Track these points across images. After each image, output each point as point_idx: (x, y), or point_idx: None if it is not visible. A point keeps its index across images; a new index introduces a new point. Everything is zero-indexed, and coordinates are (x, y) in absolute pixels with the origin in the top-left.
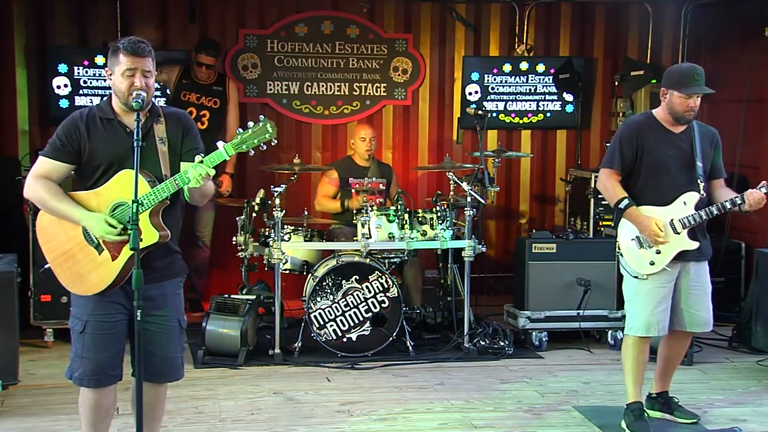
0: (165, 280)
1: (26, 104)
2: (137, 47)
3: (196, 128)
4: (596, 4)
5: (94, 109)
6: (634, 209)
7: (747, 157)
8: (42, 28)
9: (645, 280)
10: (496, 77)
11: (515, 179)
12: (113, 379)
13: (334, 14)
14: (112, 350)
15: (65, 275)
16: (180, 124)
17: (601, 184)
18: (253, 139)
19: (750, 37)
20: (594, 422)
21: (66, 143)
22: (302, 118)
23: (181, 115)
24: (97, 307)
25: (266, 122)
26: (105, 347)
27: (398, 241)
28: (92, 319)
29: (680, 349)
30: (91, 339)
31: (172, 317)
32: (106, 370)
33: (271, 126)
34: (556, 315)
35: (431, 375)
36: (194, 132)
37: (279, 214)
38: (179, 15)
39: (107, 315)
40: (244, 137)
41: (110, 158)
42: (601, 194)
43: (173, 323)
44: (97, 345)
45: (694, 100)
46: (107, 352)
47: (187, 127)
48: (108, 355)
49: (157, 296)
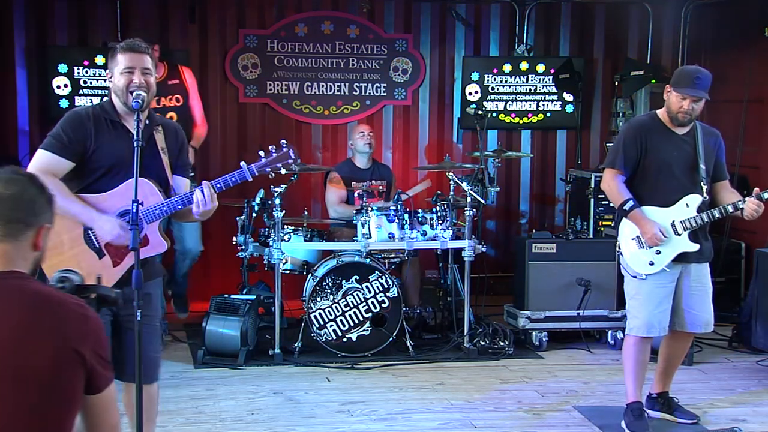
0: (149, 281)
1: (26, 104)
2: (134, 45)
3: (187, 143)
4: (596, 4)
5: (98, 109)
6: (638, 211)
7: (747, 157)
8: (42, 28)
9: (645, 280)
10: (496, 77)
11: (515, 179)
12: None
13: (334, 14)
14: None
15: None
16: (177, 137)
17: (605, 184)
18: (276, 163)
19: (750, 37)
20: (594, 422)
21: (73, 140)
22: (302, 118)
23: (177, 127)
24: None
25: (290, 148)
26: None
27: (398, 241)
28: None
29: (681, 350)
30: None
31: (155, 317)
32: None
33: (294, 152)
34: (556, 315)
35: (431, 375)
36: (186, 147)
37: (279, 214)
38: (179, 15)
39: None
40: (269, 161)
41: (113, 160)
42: (602, 194)
43: (156, 323)
44: None
45: (689, 102)
46: None
47: (183, 142)
48: None
49: (145, 297)
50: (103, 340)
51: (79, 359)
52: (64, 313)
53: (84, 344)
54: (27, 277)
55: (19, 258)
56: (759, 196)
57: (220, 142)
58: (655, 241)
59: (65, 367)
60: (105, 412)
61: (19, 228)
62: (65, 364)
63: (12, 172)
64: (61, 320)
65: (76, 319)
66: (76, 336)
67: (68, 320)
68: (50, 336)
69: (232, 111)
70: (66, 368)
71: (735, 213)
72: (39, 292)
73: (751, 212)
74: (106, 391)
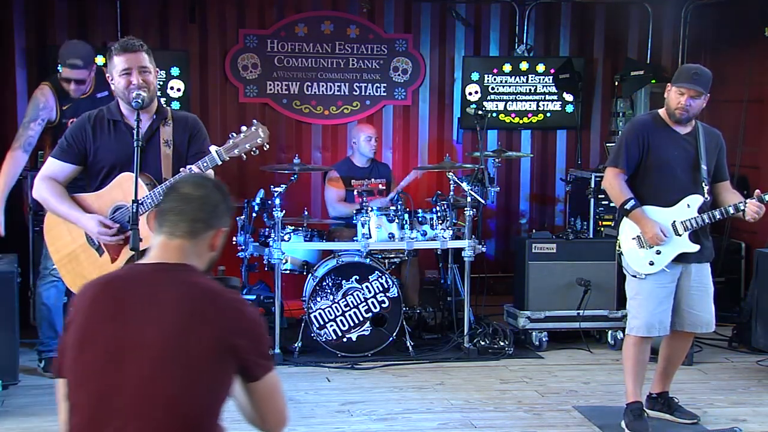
0: None
1: (26, 104)
2: (128, 44)
3: (204, 132)
4: (596, 4)
5: (103, 111)
6: (640, 211)
7: (747, 157)
8: (42, 28)
9: (645, 280)
10: (496, 77)
11: (515, 179)
12: None
13: (334, 14)
14: None
15: (69, 276)
16: (188, 127)
17: (607, 183)
18: (245, 143)
19: (750, 37)
20: (594, 422)
21: (72, 144)
22: (302, 118)
23: (190, 118)
24: None
25: (258, 126)
26: None
27: (398, 241)
28: None
29: (681, 350)
30: None
31: None
32: None
33: (263, 131)
34: (556, 315)
35: (431, 375)
36: (202, 136)
37: (279, 214)
38: (179, 15)
39: None
40: (236, 141)
41: (113, 160)
42: (602, 194)
43: None
44: None
45: (687, 98)
46: None
47: (194, 131)
48: None
49: None
50: (259, 332)
51: (233, 350)
52: (222, 307)
53: (238, 336)
54: (196, 270)
55: (194, 255)
56: (760, 198)
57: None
58: (656, 241)
59: (219, 356)
60: (269, 398)
61: (201, 228)
62: (219, 354)
63: (201, 177)
64: (219, 313)
65: (233, 313)
66: (231, 328)
67: (226, 313)
68: (209, 326)
69: (232, 111)
70: (220, 357)
71: (736, 215)
72: (205, 285)
73: (752, 214)
74: (266, 378)
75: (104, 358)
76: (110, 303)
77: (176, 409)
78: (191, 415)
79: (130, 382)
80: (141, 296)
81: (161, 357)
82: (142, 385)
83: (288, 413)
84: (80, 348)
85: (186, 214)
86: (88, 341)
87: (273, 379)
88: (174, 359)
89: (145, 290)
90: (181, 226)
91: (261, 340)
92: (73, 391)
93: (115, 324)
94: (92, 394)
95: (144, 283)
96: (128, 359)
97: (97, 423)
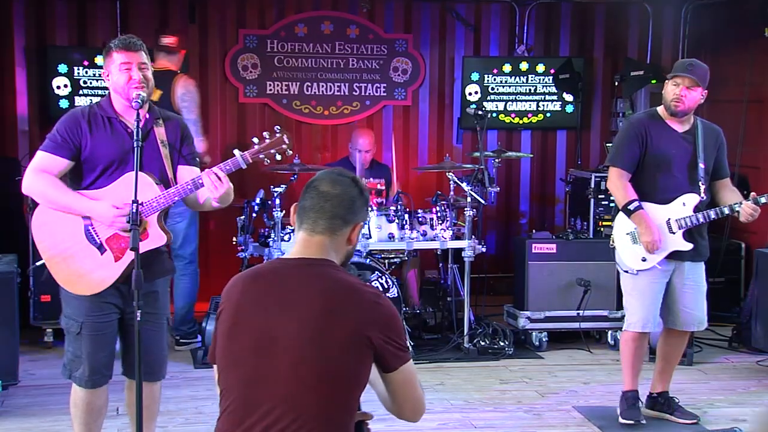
0: (157, 278)
1: (26, 104)
2: (128, 42)
3: (191, 132)
4: (596, 4)
5: (95, 107)
6: (642, 213)
7: (747, 157)
8: (42, 28)
9: (637, 276)
10: (496, 77)
11: (515, 179)
12: (107, 378)
13: (334, 14)
14: (107, 350)
15: (62, 274)
16: (179, 128)
17: (611, 183)
18: (270, 149)
19: (750, 37)
20: (594, 422)
21: (67, 139)
22: (302, 118)
23: (179, 119)
24: (93, 308)
25: (283, 133)
26: (102, 347)
27: (398, 241)
28: (89, 320)
29: (678, 348)
30: (89, 340)
31: (162, 315)
32: (102, 370)
33: (288, 137)
34: (556, 315)
35: (431, 375)
36: (191, 137)
37: (279, 214)
38: (179, 15)
39: (103, 315)
40: (261, 147)
41: (110, 157)
42: (602, 194)
43: (163, 321)
44: (95, 346)
45: (682, 88)
46: (103, 352)
47: (185, 132)
48: (104, 355)
49: (151, 294)
50: (394, 324)
51: (368, 342)
52: (359, 300)
53: (373, 328)
54: (336, 265)
55: (332, 249)
56: (755, 200)
57: (219, 143)
58: (651, 249)
59: (355, 347)
60: (405, 387)
61: (339, 224)
62: (355, 345)
63: (338, 173)
64: (356, 305)
65: (369, 305)
66: (366, 320)
67: (362, 306)
68: (347, 318)
69: (231, 111)
70: (355, 348)
71: (731, 215)
72: (343, 279)
73: (747, 216)
74: (403, 368)
75: (253, 345)
76: (259, 295)
77: (321, 392)
78: (335, 400)
79: (278, 368)
80: (286, 289)
81: (305, 345)
82: (288, 371)
83: (424, 403)
84: (230, 336)
85: (325, 212)
86: (238, 330)
87: (409, 370)
88: (317, 348)
89: (290, 284)
90: (320, 224)
91: (397, 332)
92: (223, 377)
93: (264, 314)
94: (242, 379)
95: (289, 277)
96: (276, 347)
97: (248, 406)
